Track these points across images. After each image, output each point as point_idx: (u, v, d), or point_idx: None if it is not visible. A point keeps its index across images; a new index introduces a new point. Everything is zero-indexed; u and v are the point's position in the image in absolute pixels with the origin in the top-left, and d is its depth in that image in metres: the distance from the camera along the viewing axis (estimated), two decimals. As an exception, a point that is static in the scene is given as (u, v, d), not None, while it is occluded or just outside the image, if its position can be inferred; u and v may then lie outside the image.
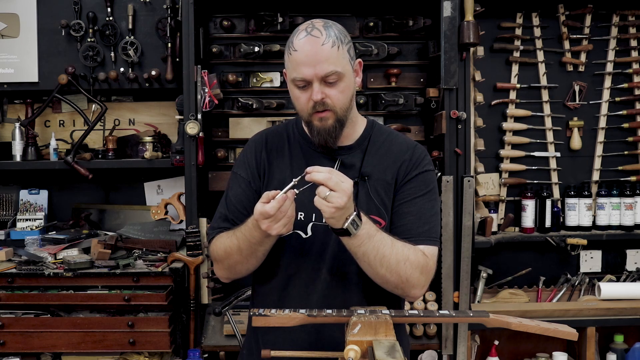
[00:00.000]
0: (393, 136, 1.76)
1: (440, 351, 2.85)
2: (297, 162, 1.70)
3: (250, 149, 1.77)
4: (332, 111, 1.59)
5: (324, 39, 1.56)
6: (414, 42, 3.08)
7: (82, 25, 2.99)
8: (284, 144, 1.74)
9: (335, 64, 1.56)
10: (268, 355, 1.43)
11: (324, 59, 1.55)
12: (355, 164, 1.68)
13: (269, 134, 1.79)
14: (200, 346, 2.78)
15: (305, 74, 1.56)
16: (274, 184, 1.68)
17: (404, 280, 1.57)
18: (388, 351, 1.27)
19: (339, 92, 1.59)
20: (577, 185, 3.14)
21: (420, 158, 1.71)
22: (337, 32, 1.59)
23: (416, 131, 3.09)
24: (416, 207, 1.65)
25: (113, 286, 2.65)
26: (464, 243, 2.80)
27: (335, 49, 1.56)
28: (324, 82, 1.57)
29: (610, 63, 3.16)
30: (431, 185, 1.70)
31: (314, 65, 1.55)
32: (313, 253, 1.66)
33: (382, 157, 1.70)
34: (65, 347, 2.60)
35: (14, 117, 3.18)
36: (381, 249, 1.53)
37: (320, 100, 1.57)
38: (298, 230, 1.65)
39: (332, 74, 1.56)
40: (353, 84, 1.64)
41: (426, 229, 1.65)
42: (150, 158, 2.96)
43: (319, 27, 1.58)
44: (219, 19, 3.02)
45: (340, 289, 1.64)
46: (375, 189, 1.66)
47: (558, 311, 2.88)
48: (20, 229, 3.06)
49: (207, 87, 2.81)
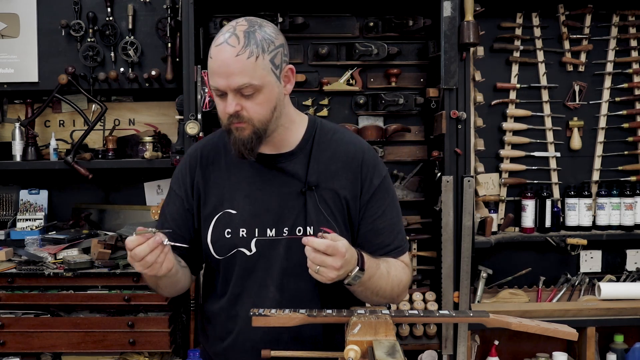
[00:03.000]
0: (338, 135, 1.66)
1: (440, 351, 2.85)
2: (234, 174, 1.62)
3: (185, 164, 1.69)
4: (249, 123, 1.50)
5: (239, 49, 1.45)
6: (414, 42, 3.08)
7: (82, 25, 2.99)
8: (220, 156, 1.65)
9: (250, 77, 1.45)
10: (268, 355, 1.43)
11: (238, 71, 1.44)
12: (299, 171, 1.59)
13: (204, 147, 1.69)
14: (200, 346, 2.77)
15: (219, 85, 1.47)
16: (212, 202, 1.62)
17: (395, 298, 1.63)
18: (388, 351, 1.27)
19: (255, 104, 1.48)
20: (577, 185, 3.14)
21: (374, 164, 1.63)
22: (260, 39, 1.47)
23: (416, 131, 3.09)
24: (387, 219, 1.63)
25: (113, 286, 2.65)
26: (464, 243, 2.80)
27: (253, 60, 1.45)
28: (240, 94, 1.47)
29: (610, 63, 3.16)
30: (391, 189, 1.67)
31: (227, 77, 1.45)
32: (259, 270, 1.59)
33: (329, 162, 1.61)
34: (65, 347, 2.60)
35: (14, 117, 3.18)
36: (379, 284, 1.55)
37: (234, 112, 1.48)
38: (241, 248, 1.59)
39: (246, 86, 1.46)
40: (276, 94, 1.52)
41: (400, 237, 1.66)
42: (150, 158, 2.95)
43: (238, 33, 1.47)
44: (219, 19, 3.02)
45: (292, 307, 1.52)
46: (323, 199, 1.58)
47: (558, 311, 2.88)
48: (20, 229, 3.05)
49: (207, 87, 2.81)
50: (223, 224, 1.60)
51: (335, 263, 1.37)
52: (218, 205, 1.61)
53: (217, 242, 1.61)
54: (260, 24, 1.52)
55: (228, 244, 1.60)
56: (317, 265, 1.38)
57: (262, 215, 1.58)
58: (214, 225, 1.61)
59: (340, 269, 1.39)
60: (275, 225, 1.58)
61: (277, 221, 1.58)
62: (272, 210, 1.58)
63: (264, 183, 1.60)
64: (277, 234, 1.58)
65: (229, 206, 1.60)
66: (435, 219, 2.92)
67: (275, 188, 1.59)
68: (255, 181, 1.60)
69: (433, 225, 2.95)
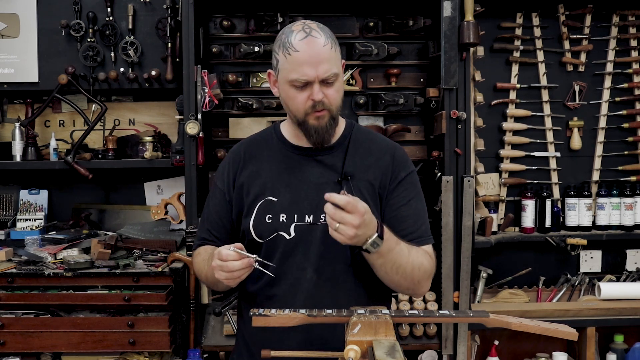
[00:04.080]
0: (372, 136, 1.80)
1: (440, 351, 2.85)
2: (276, 165, 1.74)
3: (229, 160, 1.81)
4: (328, 110, 1.64)
5: (324, 40, 1.60)
6: (414, 42, 3.08)
7: (82, 25, 2.99)
8: (262, 150, 1.78)
9: (335, 65, 1.61)
10: (268, 355, 1.43)
11: (325, 60, 1.59)
12: (336, 164, 1.71)
13: (246, 143, 1.83)
14: (200, 346, 2.78)
15: (308, 75, 1.59)
16: (255, 191, 1.72)
17: (416, 284, 1.66)
18: (388, 351, 1.27)
19: (335, 91, 1.63)
20: (577, 185, 3.14)
21: (404, 159, 1.76)
22: (330, 34, 1.64)
23: (416, 131, 3.09)
24: (412, 209, 1.72)
25: (113, 286, 2.65)
26: (464, 243, 2.80)
27: (333, 51, 1.61)
28: (322, 82, 1.60)
29: (610, 63, 3.16)
30: (418, 186, 1.77)
31: (316, 66, 1.58)
32: (298, 253, 1.68)
33: (363, 157, 1.73)
34: (65, 347, 2.60)
35: (14, 117, 3.18)
36: (398, 260, 1.58)
37: (320, 100, 1.61)
38: (282, 232, 1.68)
39: (332, 75, 1.60)
40: (343, 83, 1.70)
41: (424, 229, 1.73)
42: (150, 158, 2.96)
43: (315, 28, 1.62)
44: (219, 19, 3.02)
45: (327, 288, 1.65)
46: (358, 188, 1.69)
47: (558, 311, 2.88)
48: (20, 229, 3.05)
49: (207, 87, 2.81)
50: (265, 210, 1.70)
51: (354, 221, 1.42)
52: (260, 193, 1.71)
53: (259, 226, 1.69)
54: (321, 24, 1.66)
55: (269, 228, 1.68)
56: (336, 223, 1.43)
57: (300, 203, 1.68)
58: (256, 211, 1.70)
59: (359, 228, 1.43)
60: (313, 212, 1.67)
61: (314, 208, 1.66)
62: (310, 198, 1.68)
63: (304, 174, 1.71)
64: (315, 220, 1.67)
65: (270, 194, 1.70)
66: (435, 219, 2.92)
67: (314, 178, 1.70)
68: (295, 172, 1.72)
69: (433, 225, 2.93)
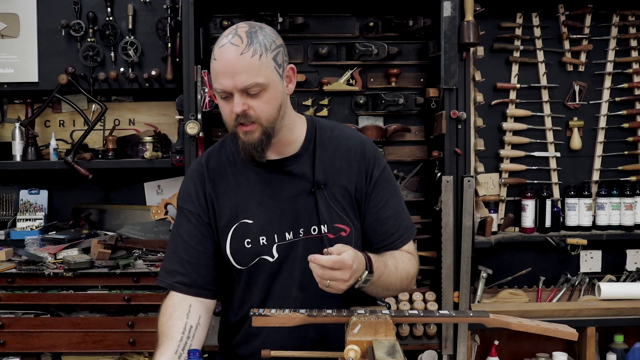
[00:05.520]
0: (337, 132, 1.68)
1: (440, 351, 2.85)
2: (244, 184, 1.62)
3: (193, 181, 1.66)
4: (257, 123, 1.50)
5: (244, 47, 1.45)
6: (414, 42, 3.08)
7: (82, 25, 2.99)
8: (226, 168, 1.64)
9: (256, 75, 1.46)
10: (268, 355, 1.43)
11: (243, 69, 1.45)
12: (306, 172, 1.61)
13: (207, 161, 1.67)
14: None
15: (225, 85, 1.47)
16: (226, 214, 1.61)
17: (404, 288, 1.69)
18: (388, 351, 1.27)
19: (263, 103, 1.49)
20: (577, 185, 3.14)
21: (374, 155, 1.67)
22: (263, 38, 1.48)
23: (416, 131, 3.09)
24: (391, 209, 1.67)
25: (113, 286, 2.65)
26: (464, 243, 2.80)
27: (257, 59, 1.46)
28: (246, 94, 1.47)
29: (610, 63, 3.16)
30: (392, 179, 1.71)
31: (233, 77, 1.45)
32: (282, 272, 1.61)
33: (333, 160, 1.63)
34: (65, 347, 2.60)
35: (14, 117, 3.18)
36: (389, 280, 1.59)
37: (242, 112, 1.48)
38: (264, 256, 1.60)
39: (252, 85, 1.46)
40: (281, 93, 1.53)
41: (405, 225, 1.69)
42: (150, 158, 2.95)
43: (241, 34, 1.47)
44: (219, 19, 3.02)
45: (314, 305, 1.55)
46: (333, 196, 1.61)
47: (558, 311, 2.88)
48: (20, 229, 3.06)
49: (207, 87, 2.81)
50: (241, 234, 1.60)
51: (344, 276, 1.41)
52: (233, 217, 1.61)
53: (238, 253, 1.61)
54: (260, 25, 1.52)
55: (250, 254, 1.60)
56: (327, 280, 1.41)
57: (278, 221, 1.60)
58: (231, 236, 1.61)
59: (350, 280, 1.43)
60: (291, 228, 1.60)
61: (292, 224, 1.60)
62: (287, 214, 1.60)
63: (274, 189, 1.61)
64: (295, 236, 1.60)
65: (244, 216, 1.60)
66: (435, 219, 2.92)
67: (285, 192, 1.61)
68: (265, 188, 1.61)
69: (433, 225, 2.95)
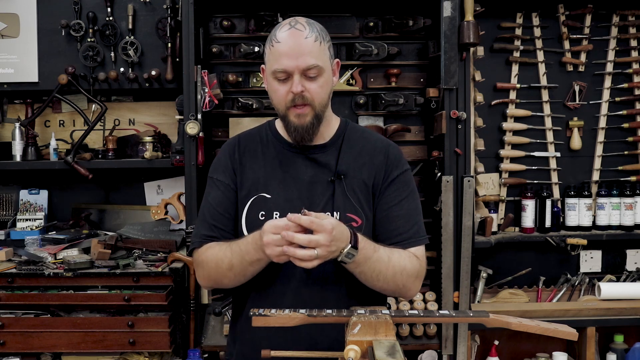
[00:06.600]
0: (367, 134, 1.78)
1: (440, 351, 2.85)
2: (270, 162, 1.72)
3: (224, 152, 1.78)
4: (311, 106, 1.61)
5: (307, 32, 1.59)
6: (414, 42, 3.08)
7: (82, 25, 2.99)
8: (257, 145, 1.75)
9: (316, 58, 1.59)
10: (268, 355, 1.43)
11: (307, 51, 1.58)
12: (330, 162, 1.70)
13: (242, 137, 1.80)
14: (200, 346, 2.77)
15: (287, 66, 1.58)
16: (247, 185, 1.70)
17: (401, 288, 1.64)
18: (388, 351, 1.27)
19: (318, 86, 1.61)
20: (577, 185, 3.14)
21: (397, 158, 1.73)
22: (319, 29, 1.63)
23: (416, 131, 3.09)
24: (404, 209, 1.69)
25: (113, 286, 2.65)
26: (464, 243, 2.80)
27: (318, 44, 1.60)
28: (304, 76, 1.59)
29: (610, 63, 3.16)
30: (412, 185, 1.74)
31: (297, 58, 1.57)
32: None
33: (357, 155, 1.71)
34: (65, 347, 2.60)
35: (14, 117, 3.18)
36: (377, 267, 1.57)
37: (299, 92, 1.59)
38: None
39: (313, 67, 1.58)
40: (331, 81, 1.66)
41: (415, 230, 1.70)
42: (150, 158, 2.95)
43: (302, 22, 1.62)
44: (219, 19, 3.02)
45: (316, 289, 1.63)
46: (351, 187, 1.67)
47: (558, 311, 2.88)
48: (20, 229, 3.06)
49: (207, 87, 2.81)
50: (257, 207, 1.68)
51: (325, 240, 1.43)
52: (253, 189, 1.69)
53: (252, 224, 1.67)
54: (312, 20, 1.65)
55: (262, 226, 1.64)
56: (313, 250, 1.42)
57: (294, 200, 1.66)
58: (248, 207, 1.69)
59: (331, 245, 1.44)
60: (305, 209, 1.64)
61: (307, 206, 1.63)
62: (303, 197, 1.67)
63: (297, 171, 1.69)
64: None
65: (264, 190, 1.69)
66: (435, 219, 2.92)
67: (307, 177, 1.69)
68: (288, 169, 1.70)
69: (433, 225, 2.95)
